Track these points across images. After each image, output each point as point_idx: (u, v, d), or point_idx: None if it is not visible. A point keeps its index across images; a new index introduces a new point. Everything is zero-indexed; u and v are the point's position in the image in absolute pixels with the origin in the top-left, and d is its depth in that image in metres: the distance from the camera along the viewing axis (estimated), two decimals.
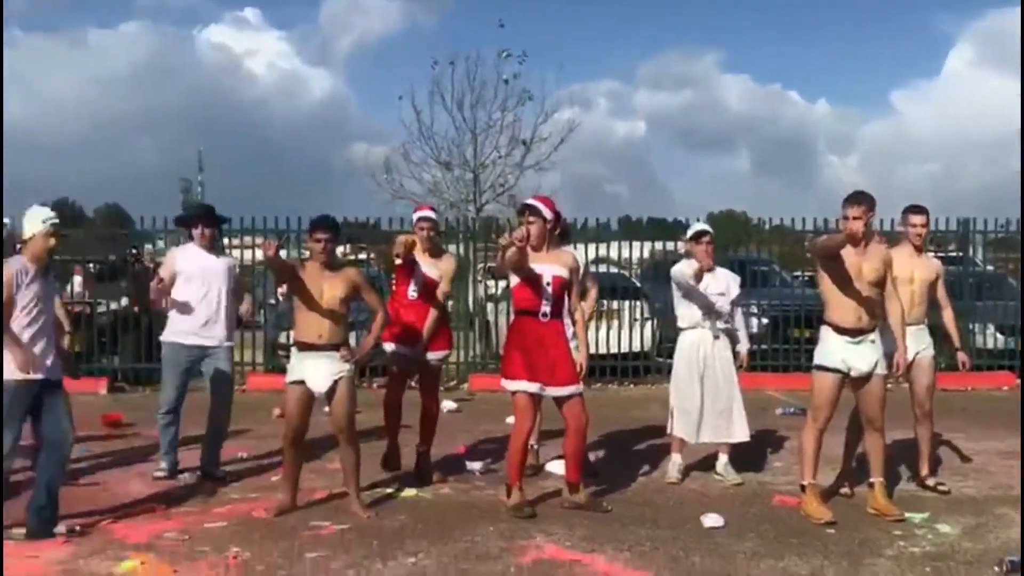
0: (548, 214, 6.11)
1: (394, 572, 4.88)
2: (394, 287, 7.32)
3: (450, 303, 7.84)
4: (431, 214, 7.21)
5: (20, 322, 5.35)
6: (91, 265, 14.47)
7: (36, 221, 5.44)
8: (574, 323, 6.27)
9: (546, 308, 6.00)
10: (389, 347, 6.93)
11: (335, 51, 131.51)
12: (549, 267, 6.03)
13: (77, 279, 14.26)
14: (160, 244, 15.57)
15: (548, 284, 6.00)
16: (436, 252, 7.06)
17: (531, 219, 6.07)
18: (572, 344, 6.19)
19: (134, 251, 14.82)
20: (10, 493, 5.66)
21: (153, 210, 12.63)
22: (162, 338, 7.08)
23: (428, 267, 6.93)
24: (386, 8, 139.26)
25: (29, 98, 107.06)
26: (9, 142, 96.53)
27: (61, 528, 5.43)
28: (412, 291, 6.93)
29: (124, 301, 13.39)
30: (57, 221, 5.53)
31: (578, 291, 6.34)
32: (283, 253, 13.74)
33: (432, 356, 6.99)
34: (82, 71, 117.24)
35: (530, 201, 6.34)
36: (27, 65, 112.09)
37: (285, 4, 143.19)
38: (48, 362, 5.47)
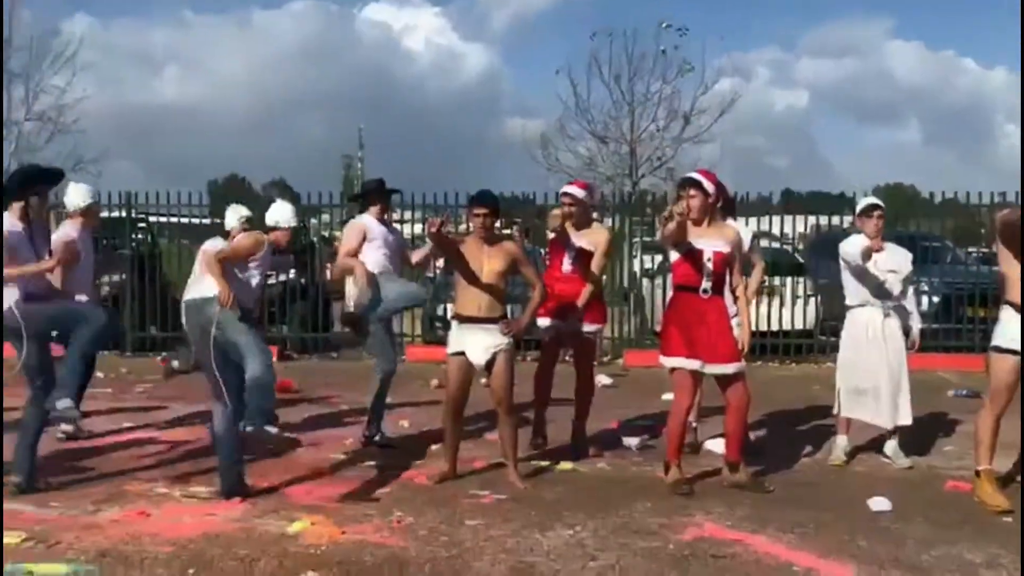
0: (710, 188, 5.99)
1: (552, 543, 4.92)
2: (548, 261, 7.35)
3: (603, 276, 7.76)
4: (574, 190, 7.13)
5: (253, 280, 5.96)
6: None
7: (288, 215, 6.24)
8: (736, 299, 6.16)
9: (707, 284, 5.90)
10: (544, 322, 6.95)
11: (491, 26, 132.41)
12: (710, 242, 5.92)
13: None
14: (325, 218, 16.07)
15: (709, 260, 5.89)
16: (585, 225, 7.03)
17: (692, 193, 5.97)
18: (734, 321, 6.08)
19: (301, 225, 15.37)
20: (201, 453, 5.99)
21: (317, 185, 13.15)
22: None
23: (579, 240, 6.92)
24: None
25: (200, 78, 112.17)
26: (182, 121, 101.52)
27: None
28: (567, 265, 6.95)
29: (292, 273, 13.89)
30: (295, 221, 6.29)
31: (741, 266, 6.21)
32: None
33: (587, 328, 6.99)
34: (249, 51, 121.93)
35: (691, 174, 6.24)
36: (198, 46, 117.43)
37: None
38: None
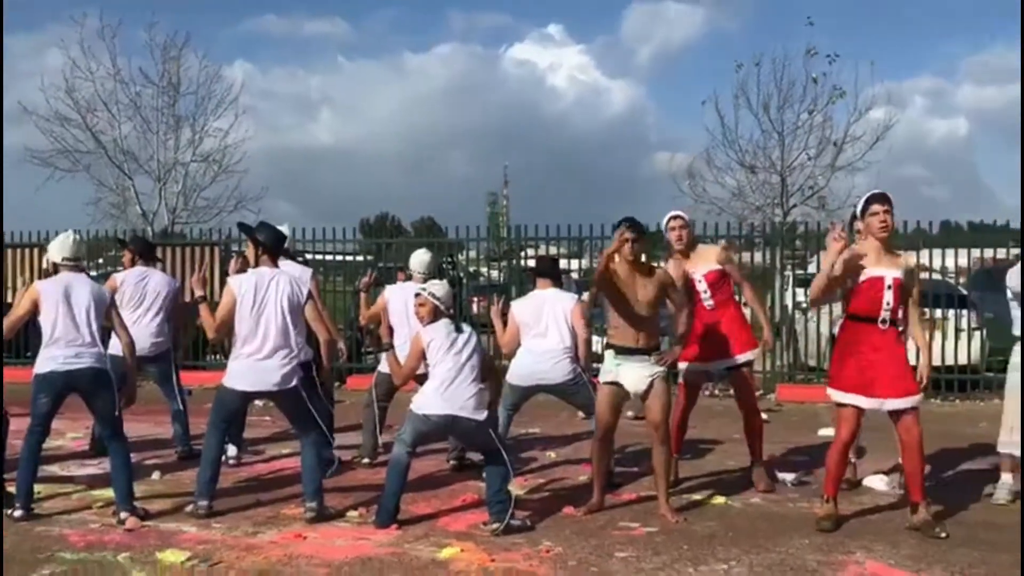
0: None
1: None
2: None
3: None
4: (680, 212, 6.96)
5: None
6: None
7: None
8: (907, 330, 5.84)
9: (885, 314, 5.61)
10: (685, 366, 6.79)
11: (635, 61, 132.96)
12: (889, 270, 5.62)
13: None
14: (472, 254, 16.33)
15: (889, 287, 5.59)
16: (693, 249, 6.86)
17: (886, 208, 5.60)
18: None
19: (449, 259, 15.66)
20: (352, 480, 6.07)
21: (462, 221, 13.35)
22: None
23: (700, 266, 6.74)
24: (687, 16, 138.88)
25: (352, 120, 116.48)
26: (335, 162, 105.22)
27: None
28: (707, 300, 6.69)
29: None
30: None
31: (919, 296, 5.89)
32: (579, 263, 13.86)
33: (740, 359, 6.75)
34: (398, 94, 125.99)
35: (879, 191, 5.84)
36: (351, 90, 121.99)
37: (587, 18, 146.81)
38: None
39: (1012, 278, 6.38)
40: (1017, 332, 6.44)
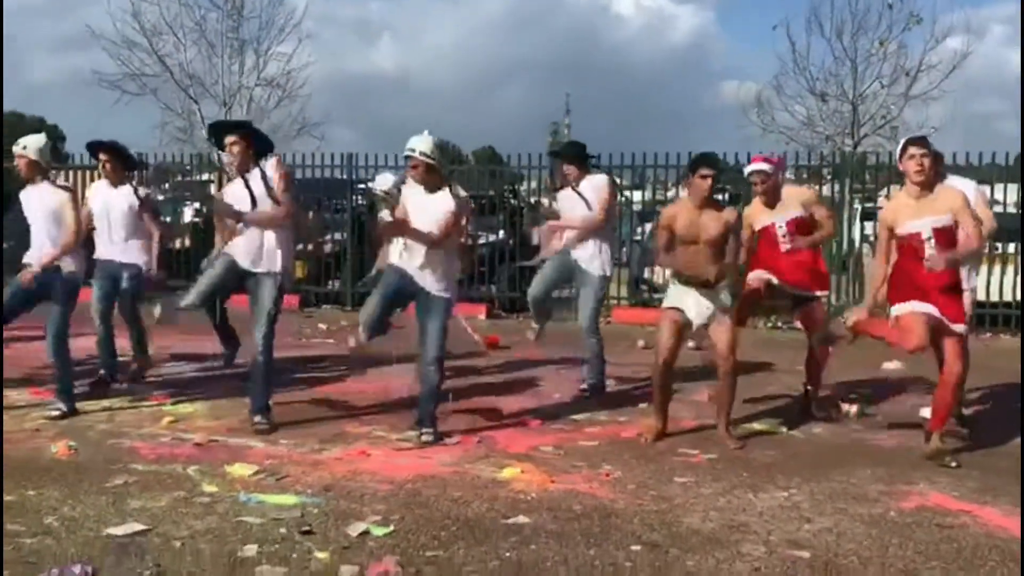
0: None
1: (766, 504, 4.79)
2: (759, 243, 6.73)
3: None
4: (763, 166, 6.65)
5: None
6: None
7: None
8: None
9: (930, 251, 5.50)
10: (762, 274, 6.68)
11: None
12: (927, 219, 5.49)
13: None
14: (533, 184, 16.24)
15: (929, 239, 5.49)
16: (777, 199, 6.66)
17: (924, 152, 5.52)
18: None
19: (510, 189, 15.61)
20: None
21: (523, 151, 13.15)
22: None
23: (782, 215, 6.60)
24: None
25: (412, 49, 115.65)
26: (396, 88, 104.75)
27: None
28: (784, 245, 6.59)
29: (501, 234, 14.11)
30: None
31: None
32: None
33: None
34: (460, 20, 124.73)
35: (915, 135, 5.76)
36: (409, 18, 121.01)
37: None
38: None
39: None
40: None
